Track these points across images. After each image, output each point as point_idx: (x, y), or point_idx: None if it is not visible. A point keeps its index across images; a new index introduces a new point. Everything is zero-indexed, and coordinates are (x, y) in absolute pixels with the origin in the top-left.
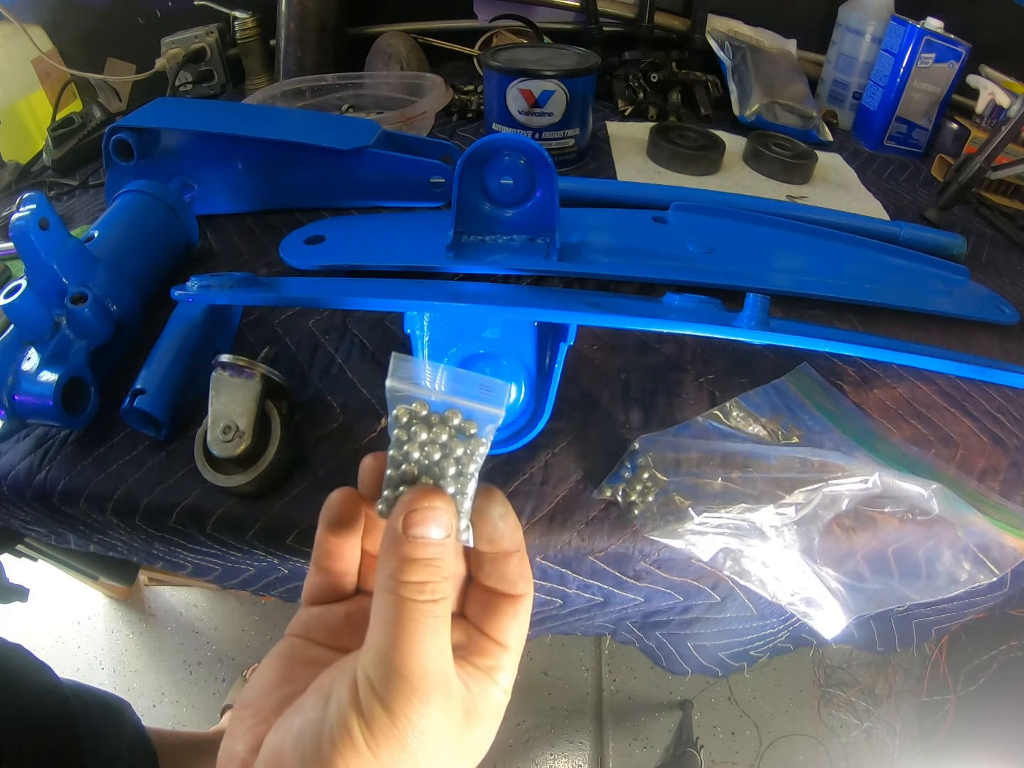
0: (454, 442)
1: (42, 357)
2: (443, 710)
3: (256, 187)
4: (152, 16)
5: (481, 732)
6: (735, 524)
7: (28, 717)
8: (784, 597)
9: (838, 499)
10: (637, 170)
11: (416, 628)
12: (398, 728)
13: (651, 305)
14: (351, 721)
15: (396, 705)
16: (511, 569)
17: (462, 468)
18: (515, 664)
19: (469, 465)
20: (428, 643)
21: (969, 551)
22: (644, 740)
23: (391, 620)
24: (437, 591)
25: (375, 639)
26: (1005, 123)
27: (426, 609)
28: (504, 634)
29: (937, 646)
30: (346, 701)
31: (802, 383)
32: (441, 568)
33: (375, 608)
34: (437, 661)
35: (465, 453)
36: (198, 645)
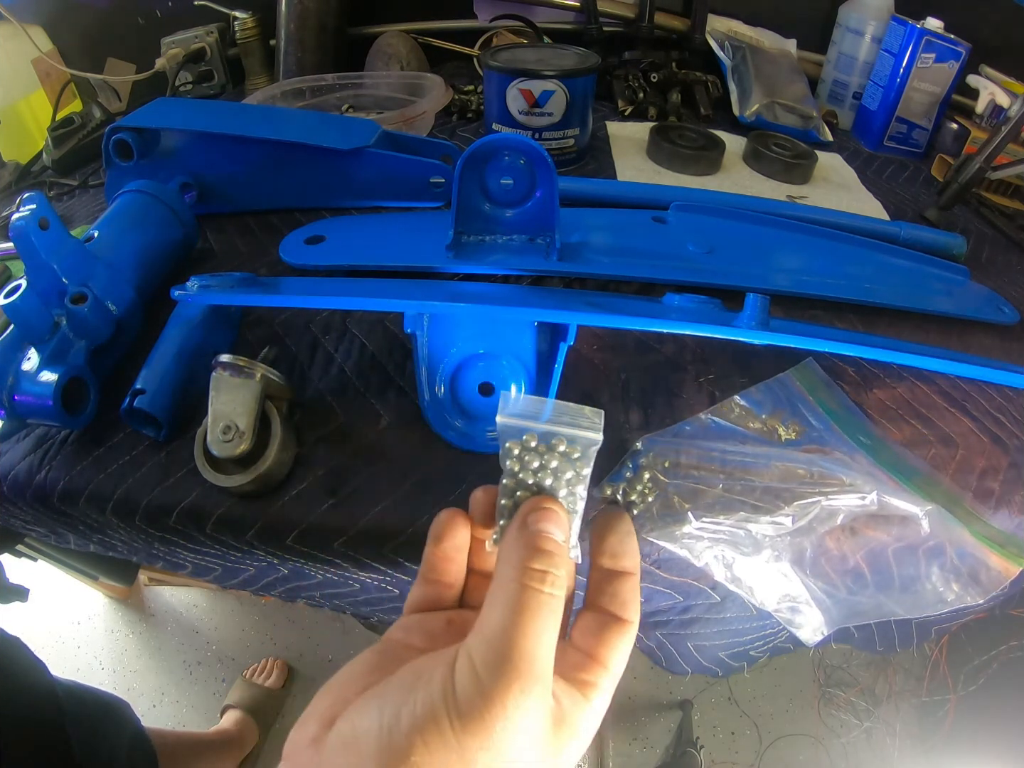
0: (563, 466)
1: (42, 357)
2: (539, 709)
3: (256, 187)
4: (152, 16)
5: (569, 748)
6: (731, 531)
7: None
8: (771, 604)
9: (834, 513)
10: (637, 170)
11: (533, 615)
12: (491, 714)
13: (651, 305)
14: (439, 703)
15: (495, 690)
16: (626, 590)
17: (571, 489)
18: (611, 689)
19: (577, 486)
20: (541, 633)
21: (959, 572)
22: (644, 740)
23: (510, 603)
24: (557, 584)
25: (488, 621)
26: (1005, 123)
27: (545, 600)
28: (606, 654)
29: (937, 646)
30: (438, 683)
31: (806, 378)
32: (562, 564)
33: (492, 593)
34: (546, 655)
35: (574, 475)
36: (198, 645)
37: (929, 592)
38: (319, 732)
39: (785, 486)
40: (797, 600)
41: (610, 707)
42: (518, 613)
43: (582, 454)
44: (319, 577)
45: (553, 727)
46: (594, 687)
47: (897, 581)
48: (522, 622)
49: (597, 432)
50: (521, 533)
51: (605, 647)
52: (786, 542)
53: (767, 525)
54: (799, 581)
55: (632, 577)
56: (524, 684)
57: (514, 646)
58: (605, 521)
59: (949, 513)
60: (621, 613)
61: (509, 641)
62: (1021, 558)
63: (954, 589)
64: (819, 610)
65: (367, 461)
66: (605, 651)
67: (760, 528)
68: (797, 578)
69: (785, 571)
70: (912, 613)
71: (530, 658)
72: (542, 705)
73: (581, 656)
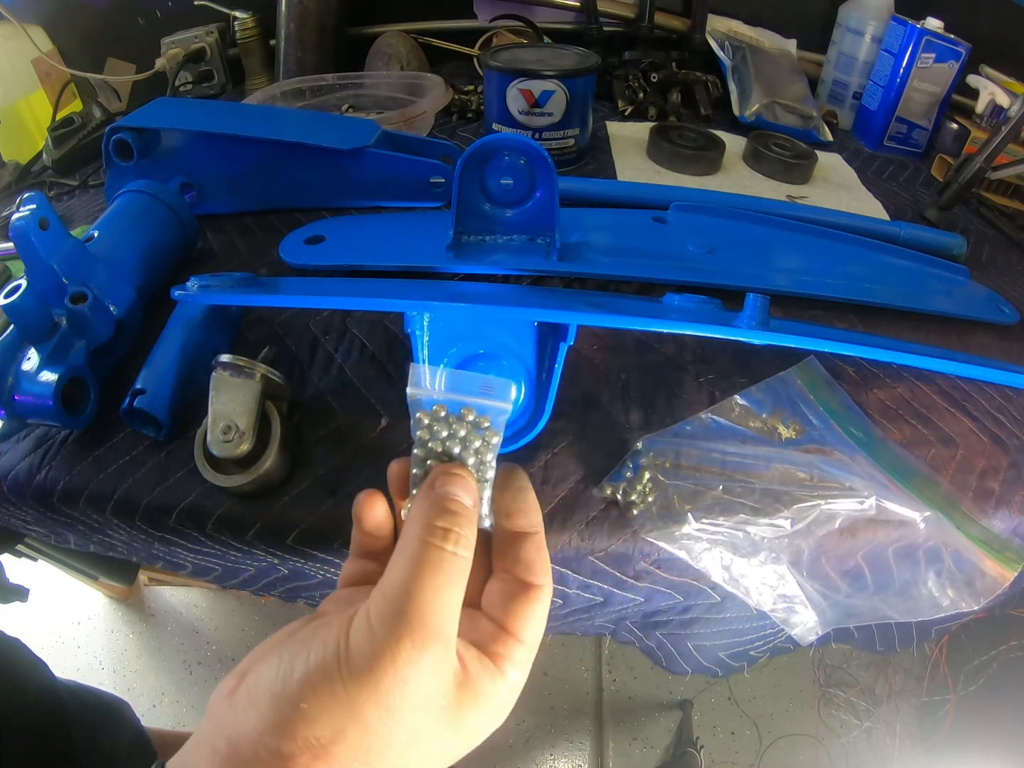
0: (472, 436)
1: (42, 357)
2: (434, 668)
3: (256, 187)
4: (152, 16)
5: (474, 718)
6: (730, 533)
7: (23, 715)
8: (767, 605)
9: (833, 517)
10: (637, 170)
11: (433, 572)
12: (379, 666)
13: (651, 305)
14: (331, 654)
15: (386, 642)
16: (528, 551)
17: (481, 457)
18: (526, 661)
19: (487, 454)
20: (440, 591)
21: (955, 578)
22: (644, 740)
23: (410, 559)
24: (461, 543)
25: (387, 578)
26: (1005, 123)
27: (447, 557)
28: (517, 624)
29: (937, 646)
30: (333, 635)
31: (808, 377)
32: (467, 524)
33: (397, 550)
34: (444, 615)
35: (482, 444)
36: (198, 645)
37: (924, 597)
38: (235, 685)
39: (785, 489)
40: (793, 601)
41: (610, 707)
42: (417, 568)
43: (491, 423)
44: (319, 577)
45: (456, 693)
46: (506, 659)
47: (893, 585)
48: (420, 577)
49: (506, 401)
50: (427, 495)
51: (515, 617)
52: (784, 544)
53: (766, 527)
54: (795, 582)
55: (533, 536)
56: (417, 639)
57: (410, 600)
58: (500, 480)
59: (947, 519)
60: (527, 577)
61: (406, 595)
62: (1016, 563)
63: (949, 595)
64: (814, 611)
65: (367, 461)
66: (515, 621)
67: (759, 530)
68: (793, 579)
69: (782, 572)
70: (906, 617)
71: (426, 613)
72: (440, 666)
73: (491, 626)
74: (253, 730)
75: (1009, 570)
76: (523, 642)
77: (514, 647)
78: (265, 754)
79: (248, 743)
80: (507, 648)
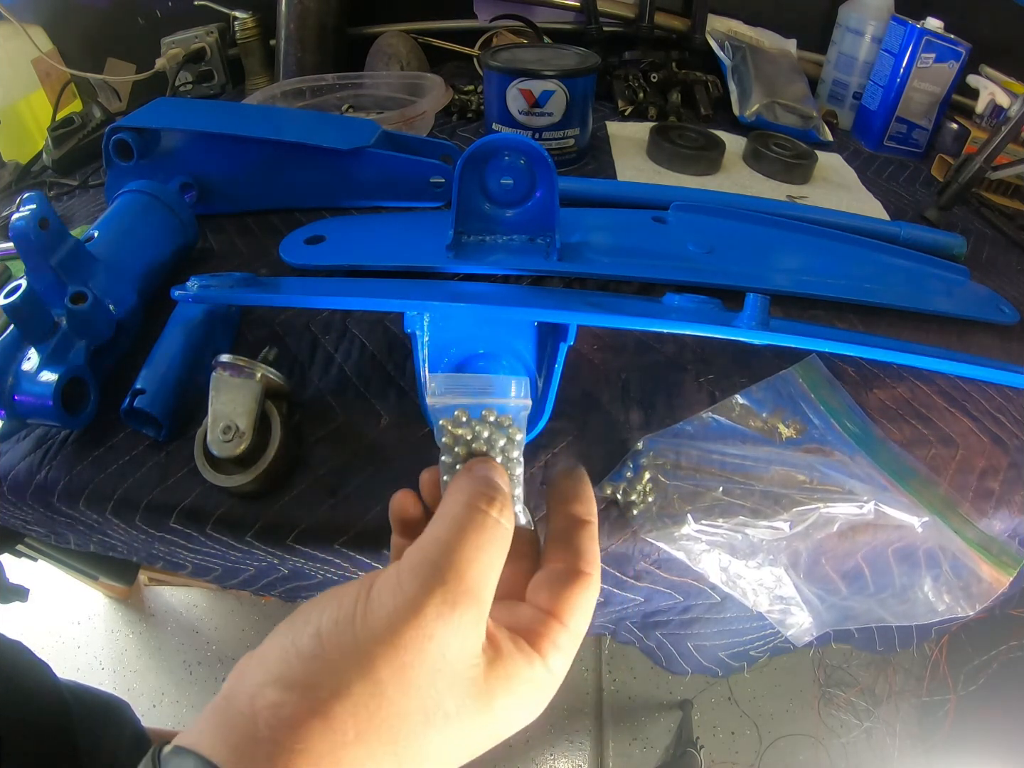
0: (496, 435)
1: (42, 357)
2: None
3: (256, 187)
4: (152, 16)
5: (505, 702)
6: (729, 535)
7: (27, 717)
8: (763, 606)
9: (831, 521)
10: (637, 170)
11: (476, 532)
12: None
13: (651, 305)
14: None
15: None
16: (582, 539)
17: (507, 455)
18: (570, 647)
19: (512, 451)
20: (481, 550)
21: (952, 583)
22: (644, 740)
23: (452, 519)
24: (504, 512)
25: (424, 536)
26: (1005, 123)
27: (491, 522)
28: (563, 609)
29: (937, 646)
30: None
31: (809, 375)
32: (508, 500)
33: (435, 516)
34: (482, 576)
35: (507, 442)
36: (198, 645)
37: (921, 602)
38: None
39: (784, 491)
40: (789, 603)
41: (610, 707)
42: (459, 526)
43: (513, 421)
44: (319, 577)
45: (485, 669)
46: (549, 642)
47: (889, 589)
48: (462, 534)
49: (525, 398)
50: (468, 473)
51: (562, 602)
52: (782, 546)
53: (764, 530)
54: (792, 584)
55: (588, 525)
56: (450, 594)
57: (447, 554)
58: (560, 473)
59: (944, 523)
60: (577, 564)
61: (444, 549)
62: (1013, 567)
63: (946, 600)
64: (810, 613)
65: (367, 461)
66: (562, 606)
67: (757, 532)
68: (790, 581)
69: (779, 575)
70: (902, 621)
71: (464, 569)
72: (470, 631)
73: (534, 611)
74: (254, 683)
75: (1005, 575)
76: (567, 626)
77: (557, 630)
78: (261, 704)
79: (246, 696)
80: (549, 630)
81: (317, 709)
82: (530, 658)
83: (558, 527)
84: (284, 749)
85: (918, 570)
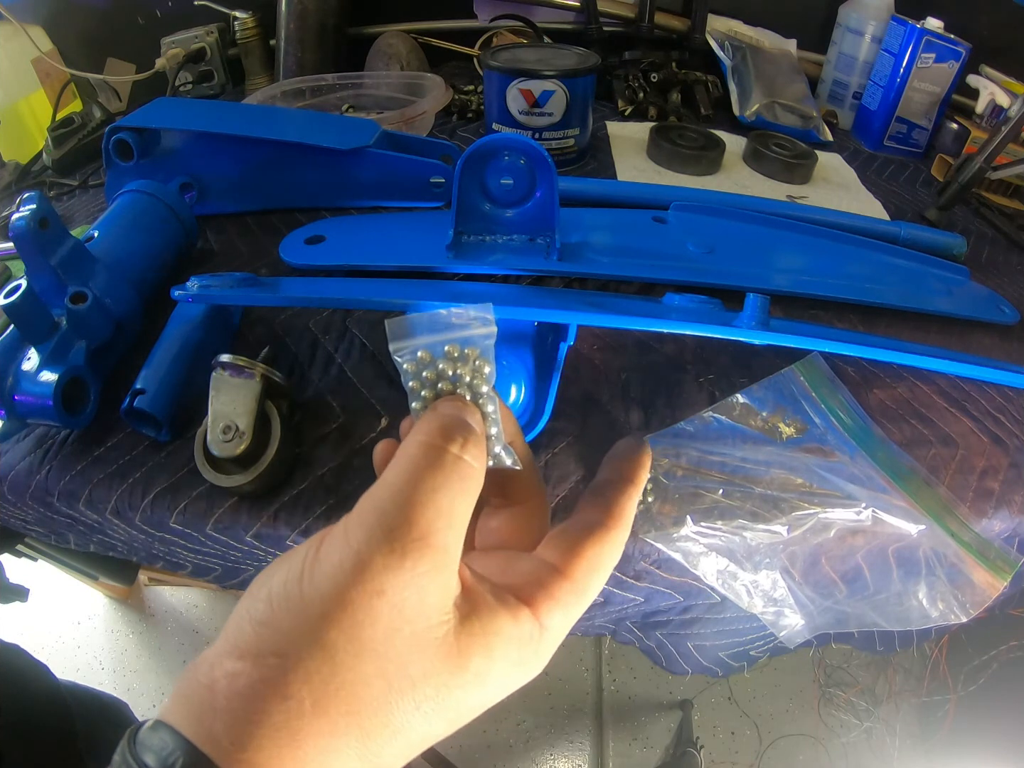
0: (463, 370)
1: (42, 357)
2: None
3: (256, 187)
4: (152, 16)
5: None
6: (727, 537)
7: (29, 719)
8: (758, 607)
9: (829, 526)
10: (637, 170)
11: (431, 472)
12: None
13: (651, 305)
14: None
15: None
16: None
17: (475, 390)
18: (573, 602)
19: (481, 385)
20: (437, 492)
21: (946, 590)
22: (644, 740)
23: (405, 461)
24: (469, 448)
25: (376, 485)
26: (1005, 123)
27: (450, 459)
28: (570, 561)
29: (937, 646)
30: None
31: (811, 373)
32: (477, 438)
33: (395, 456)
34: (440, 520)
35: (475, 375)
36: (198, 645)
37: (915, 608)
38: None
39: (783, 495)
40: (782, 605)
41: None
42: (412, 467)
43: (480, 353)
44: None
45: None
46: (545, 594)
47: (883, 594)
48: (415, 476)
49: (488, 325)
50: (430, 413)
51: (572, 554)
52: (778, 550)
53: (762, 533)
54: (786, 587)
55: (629, 484)
56: (398, 543)
57: (396, 499)
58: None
59: (942, 528)
60: (603, 517)
61: (393, 495)
62: (1007, 573)
63: (939, 607)
64: (802, 616)
65: (367, 461)
66: (571, 559)
67: (755, 536)
68: (785, 584)
69: (774, 577)
70: (895, 626)
71: (416, 514)
72: (430, 583)
73: (538, 564)
74: (214, 652)
75: (999, 580)
76: (572, 580)
77: (557, 582)
78: (219, 674)
79: (206, 666)
80: (547, 582)
81: (270, 678)
82: (515, 612)
83: (600, 480)
84: (240, 720)
85: (913, 576)
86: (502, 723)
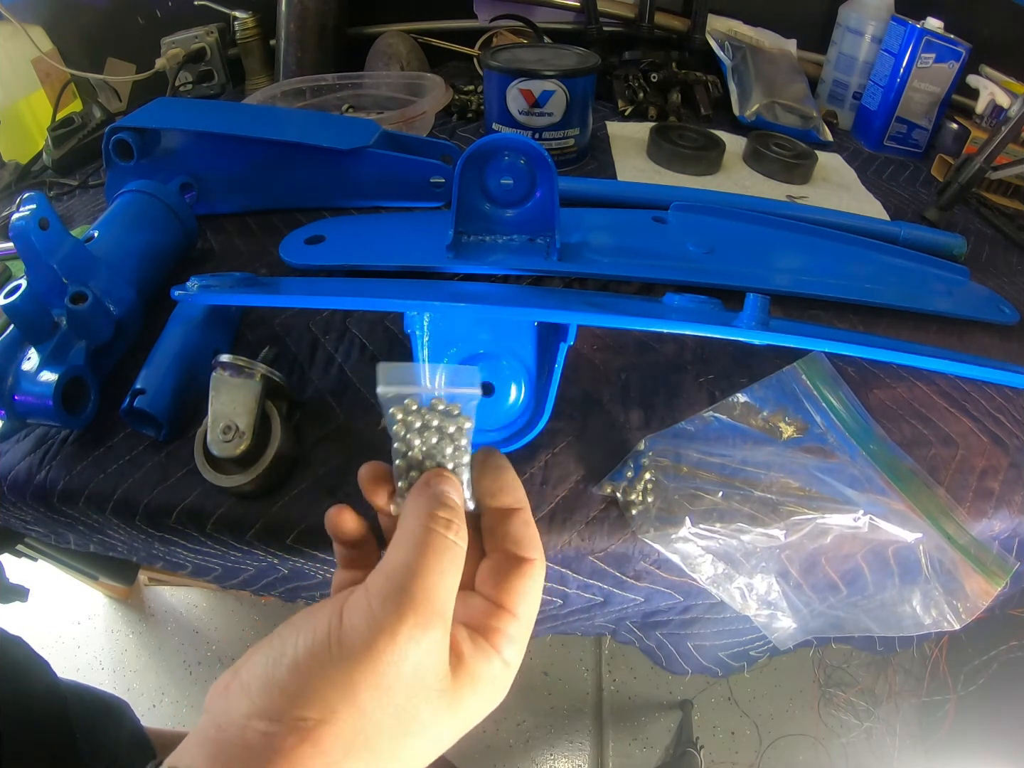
0: (445, 423)
1: (42, 357)
2: (433, 649)
3: (256, 187)
4: (152, 16)
5: (471, 701)
6: (724, 540)
7: (27, 716)
8: (751, 610)
9: (826, 532)
10: (637, 170)
11: (438, 555)
12: (378, 646)
13: (651, 305)
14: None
15: (387, 621)
16: (516, 527)
17: (456, 443)
18: (522, 637)
19: (461, 440)
20: (443, 573)
21: (940, 598)
22: (644, 740)
23: (414, 542)
24: (460, 534)
25: (389, 559)
26: (1005, 123)
27: (448, 544)
28: (511, 599)
29: (937, 646)
30: (324, 616)
31: (813, 371)
32: (462, 519)
33: (397, 537)
34: (446, 596)
35: (456, 430)
36: (198, 645)
37: (908, 615)
38: (230, 679)
39: (782, 499)
40: (776, 608)
41: (610, 707)
42: (421, 551)
43: (461, 410)
44: (319, 577)
45: (452, 676)
46: (501, 634)
47: (877, 600)
48: (425, 559)
49: (474, 388)
50: (424, 491)
51: (508, 592)
52: (775, 554)
53: (760, 536)
54: (780, 591)
55: (519, 512)
56: (421, 617)
57: (414, 579)
58: (478, 464)
59: (939, 532)
60: (518, 551)
61: (410, 574)
62: (1001, 579)
63: (932, 614)
64: (795, 620)
65: (367, 461)
66: (509, 596)
67: (753, 538)
68: (779, 588)
69: (770, 580)
70: (888, 632)
71: (430, 593)
72: (439, 647)
73: (485, 603)
74: (242, 715)
75: (993, 586)
76: (517, 616)
77: (508, 621)
78: (252, 736)
79: (236, 728)
80: (501, 622)
81: (306, 736)
82: (488, 656)
83: (491, 520)
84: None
85: (910, 580)
86: (502, 723)
